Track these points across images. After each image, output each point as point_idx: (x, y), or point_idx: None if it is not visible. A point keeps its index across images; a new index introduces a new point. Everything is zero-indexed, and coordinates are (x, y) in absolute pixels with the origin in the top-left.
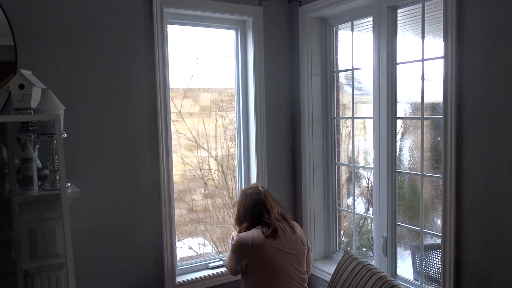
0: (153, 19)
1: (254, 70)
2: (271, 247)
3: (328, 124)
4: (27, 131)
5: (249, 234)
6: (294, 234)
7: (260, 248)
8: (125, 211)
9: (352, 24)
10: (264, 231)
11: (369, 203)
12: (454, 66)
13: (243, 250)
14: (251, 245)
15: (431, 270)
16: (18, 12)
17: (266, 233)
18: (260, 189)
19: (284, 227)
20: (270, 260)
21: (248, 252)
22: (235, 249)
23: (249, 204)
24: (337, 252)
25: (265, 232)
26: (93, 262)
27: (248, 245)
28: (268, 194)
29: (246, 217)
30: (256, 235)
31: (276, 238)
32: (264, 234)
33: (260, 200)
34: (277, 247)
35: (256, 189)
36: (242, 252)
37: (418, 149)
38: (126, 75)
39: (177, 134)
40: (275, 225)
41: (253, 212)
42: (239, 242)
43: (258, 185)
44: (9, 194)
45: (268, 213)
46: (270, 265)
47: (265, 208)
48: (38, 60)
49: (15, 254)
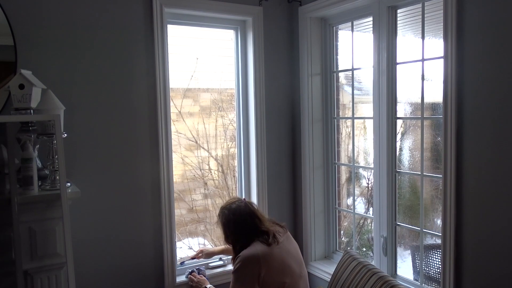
0: (153, 19)
1: (254, 70)
2: (278, 255)
3: (328, 124)
4: (27, 131)
5: (253, 248)
6: (286, 233)
7: (270, 259)
8: (125, 211)
9: (352, 24)
10: (264, 240)
11: (369, 203)
12: (454, 66)
13: (255, 263)
14: (261, 256)
15: (431, 270)
16: (18, 12)
17: (269, 241)
18: (243, 200)
19: (277, 230)
20: (282, 267)
21: (260, 263)
22: (245, 266)
23: (239, 219)
24: (337, 252)
25: (266, 241)
26: (93, 262)
27: (258, 257)
28: (252, 204)
29: (239, 234)
30: (260, 248)
31: (279, 243)
32: (267, 243)
33: (251, 211)
34: (283, 252)
35: (239, 202)
36: (254, 265)
37: (418, 149)
38: (126, 75)
39: (177, 134)
40: (272, 231)
41: (247, 225)
42: (247, 257)
43: (237, 197)
44: (9, 194)
45: (261, 222)
46: (282, 272)
47: (257, 218)
48: (38, 60)
49: (15, 254)
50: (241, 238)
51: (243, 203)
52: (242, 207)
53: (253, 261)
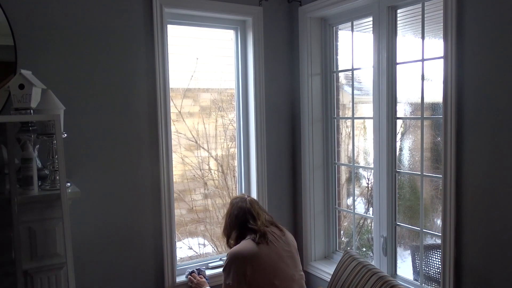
0: (153, 19)
1: (254, 70)
2: (266, 255)
3: (328, 124)
4: (27, 131)
5: (240, 246)
6: (284, 235)
7: (257, 258)
8: (125, 211)
9: (352, 24)
10: (253, 238)
11: (369, 203)
12: (454, 66)
13: (241, 260)
14: (247, 254)
15: (431, 270)
16: (18, 12)
17: (256, 240)
18: (246, 197)
19: (272, 231)
20: (271, 268)
21: (246, 261)
22: (232, 262)
23: (235, 212)
24: (337, 252)
25: (255, 239)
26: (93, 262)
27: (244, 254)
28: (254, 202)
29: (232, 226)
30: (249, 245)
31: (268, 243)
32: (255, 241)
33: (245, 208)
34: (272, 253)
35: (242, 198)
36: (241, 262)
37: (418, 149)
38: (126, 75)
39: (177, 134)
40: (263, 230)
41: (238, 219)
42: (234, 254)
43: (245, 195)
44: (9, 194)
45: (254, 220)
46: (271, 273)
47: (251, 215)
48: (38, 60)
49: (15, 254)
50: (233, 232)
51: (246, 199)
52: (241, 202)
53: (239, 259)
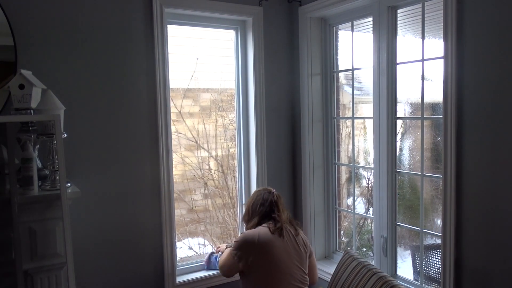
0: (153, 19)
1: (254, 70)
2: (276, 246)
3: (328, 124)
4: (27, 131)
5: (255, 231)
6: (298, 236)
7: (267, 246)
8: (125, 211)
9: (352, 24)
10: (270, 227)
11: (369, 203)
12: (454, 66)
13: (250, 246)
14: (257, 242)
15: (431, 270)
16: (18, 12)
17: (273, 229)
18: (273, 191)
19: (289, 229)
20: (275, 259)
21: (254, 249)
22: (240, 245)
23: (260, 201)
24: (337, 252)
25: (271, 228)
26: (93, 262)
27: (255, 242)
28: (280, 197)
29: (255, 213)
30: (263, 232)
31: (281, 236)
32: (271, 230)
33: (272, 199)
34: (282, 246)
35: (269, 190)
36: (249, 248)
37: (418, 149)
38: (126, 75)
39: (177, 134)
40: (282, 224)
41: (262, 208)
42: (246, 238)
43: (272, 188)
44: (9, 194)
45: (279, 212)
46: (274, 263)
47: (276, 207)
48: (38, 60)
49: (15, 254)
50: (254, 218)
51: (273, 192)
52: (268, 194)
53: (250, 241)
